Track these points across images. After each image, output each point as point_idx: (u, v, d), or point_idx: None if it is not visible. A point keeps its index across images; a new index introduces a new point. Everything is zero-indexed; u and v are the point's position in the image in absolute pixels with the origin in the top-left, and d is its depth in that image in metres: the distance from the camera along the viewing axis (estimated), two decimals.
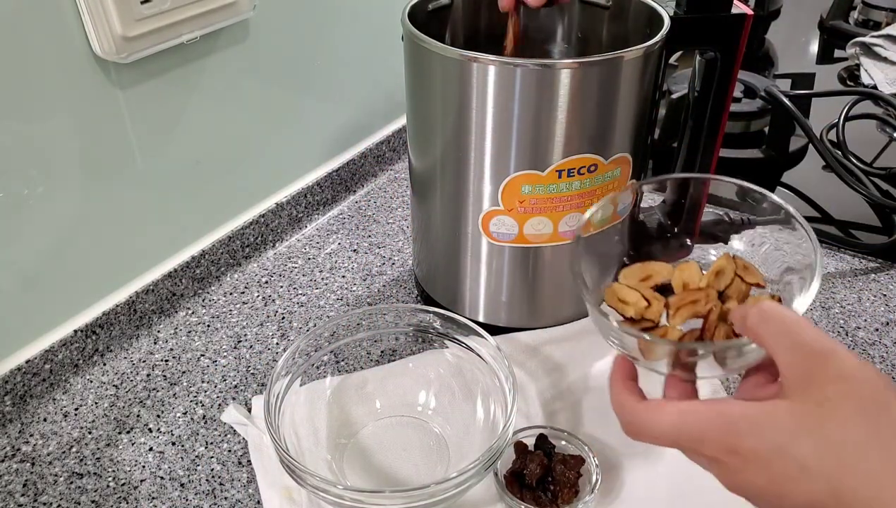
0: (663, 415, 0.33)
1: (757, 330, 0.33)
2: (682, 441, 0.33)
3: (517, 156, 0.52)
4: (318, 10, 0.72)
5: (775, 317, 0.33)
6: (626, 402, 0.36)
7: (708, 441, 0.32)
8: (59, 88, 0.53)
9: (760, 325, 0.33)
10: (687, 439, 0.33)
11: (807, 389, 0.30)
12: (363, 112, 0.85)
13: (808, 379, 0.31)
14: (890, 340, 0.62)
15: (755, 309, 0.33)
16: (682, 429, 0.33)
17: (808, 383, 0.30)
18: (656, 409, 0.34)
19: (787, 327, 0.32)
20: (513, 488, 0.48)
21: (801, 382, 0.31)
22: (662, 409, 0.34)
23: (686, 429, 0.32)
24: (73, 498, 0.51)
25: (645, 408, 0.35)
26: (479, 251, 0.58)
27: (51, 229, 0.57)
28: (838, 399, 0.30)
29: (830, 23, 1.25)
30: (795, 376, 0.31)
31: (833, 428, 0.29)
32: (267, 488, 0.50)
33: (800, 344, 0.31)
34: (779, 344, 0.32)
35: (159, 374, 0.61)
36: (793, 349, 0.31)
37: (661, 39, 0.51)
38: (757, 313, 0.33)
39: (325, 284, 0.70)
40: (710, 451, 0.32)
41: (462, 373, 0.55)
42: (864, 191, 0.76)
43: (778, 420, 0.30)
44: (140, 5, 0.53)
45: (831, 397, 0.30)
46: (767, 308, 0.33)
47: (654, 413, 0.34)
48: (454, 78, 0.51)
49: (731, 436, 0.31)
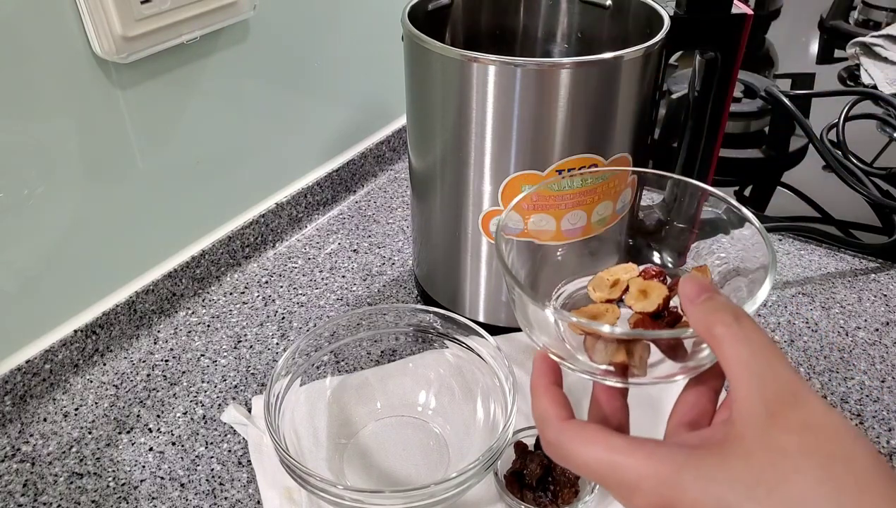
0: (591, 449, 0.29)
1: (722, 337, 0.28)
2: (610, 484, 0.29)
3: (517, 156, 0.52)
4: (318, 11, 0.72)
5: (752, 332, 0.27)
6: (550, 417, 0.32)
7: (641, 492, 0.27)
8: (59, 88, 0.53)
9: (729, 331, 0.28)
10: (616, 483, 0.28)
11: (766, 433, 0.26)
12: (363, 112, 0.85)
13: (770, 421, 0.26)
14: (890, 340, 0.62)
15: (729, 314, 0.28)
16: (613, 471, 0.28)
17: (769, 426, 0.26)
18: (583, 439, 0.30)
19: (763, 345, 0.27)
20: (513, 488, 0.48)
21: (761, 421, 0.26)
22: (591, 441, 0.29)
23: (617, 473, 0.28)
24: (73, 498, 0.51)
25: (571, 434, 0.30)
26: (479, 251, 0.58)
27: (51, 229, 0.57)
28: (801, 455, 0.25)
29: (830, 23, 1.25)
30: (755, 411, 0.26)
31: (792, 492, 0.24)
32: (267, 488, 0.50)
33: (770, 373, 0.26)
34: (745, 362, 0.27)
35: (159, 374, 0.61)
36: (759, 376, 0.26)
37: (661, 39, 0.51)
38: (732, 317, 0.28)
39: (325, 284, 0.70)
40: (641, 503, 0.27)
41: (462, 373, 0.55)
42: (864, 191, 0.76)
43: (729, 469, 0.26)
44: (140, 5, 0.53)
45: (792, 451, 0.25)
46: (745, 317, 0.28)
47: (581, 443, 0.30)
48: (454, 78, 0.51)
49: (671, 489, 0.26)
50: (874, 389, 0.57)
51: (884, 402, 0.56)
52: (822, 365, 0.60)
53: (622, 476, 0.28)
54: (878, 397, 0.57)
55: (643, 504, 0.27)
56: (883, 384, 0.58)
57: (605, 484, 0.29)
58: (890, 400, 0.56)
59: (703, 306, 0.29)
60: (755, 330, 0.28)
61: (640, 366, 0.33)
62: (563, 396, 0.33)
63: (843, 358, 0.60)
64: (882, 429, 0.54)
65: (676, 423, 0.32)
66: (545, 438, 0.32)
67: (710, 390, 0.33)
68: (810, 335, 0.63)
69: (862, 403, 0.56)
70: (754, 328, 0.28)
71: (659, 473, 0.27)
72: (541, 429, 0.32)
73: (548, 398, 0.33)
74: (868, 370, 0.59)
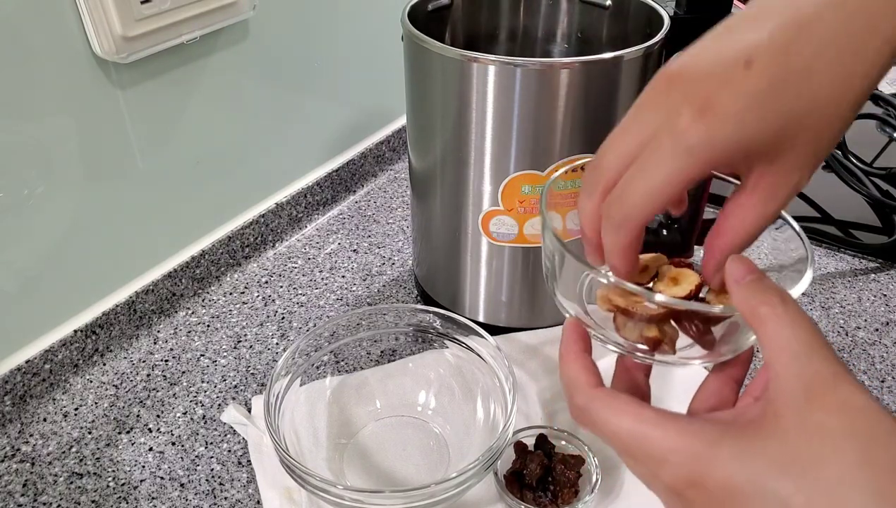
0: (621, 418, 0.28)
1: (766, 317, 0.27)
2: (638, 455, 0.28)
3: (517, 156, 0.52)
4: (318, 11, 0.72)
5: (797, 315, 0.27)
6: (580, 383, 0.31)
7: (669, 465, 0.26)
8: (60, 88, 0.53)
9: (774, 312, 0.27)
10: (643, 455, 0.27)
11: (804, 413, 0.25)
12: (363, 112, 0.85)
13: (808, 399, 0.25)
14: (890, 340, 0.62)
15: (776, 295, 0.27)
16: (641, 442, 0.28)
17: (807, 405, 0.25)
18: (614, 408, 0.29)
19: (806, 329, 0.26)
20: (513, 488, 0.48)
21: (799, 399, 0.25)
22: (621, 410, 0.29)
23: (645, 444, 0.27)
24: (73, 498, 0.51)
25: (601, 400, 0.30)
26: (479, 251, 0.58)
27: (51, 229, 0.57)
28: (839, 436, 0.24)
29: None
30: (793, 389, 0.25)
31: (828, 472, 0.23)
32: (267, 488, 0.50)
33: (811, 354, 0.26)
34: (786, 343, 0.26)
35: (159, 374, 0.61)
36: (799, 357, 0.26)
37: (661, 39, 0.51)
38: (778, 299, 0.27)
39: (325, 284, 0.70)
40: (668, 477, 0.27)
41: (462, 373, 0.55)
42: (864, 191, 0.76)
43: (764, 446, 0.25)
44: (140, 5, 0.53)
45: (830, 432, 0.24)
46: (790, 300, 0.27)
47: (611, 411, 0.29)
48: (454, 78, 0.51)
49: (702, 464, 0.26)
50: (874, 389, 0.57)
51: (884, 402, 0.56)
52: None
53: (650, 447, 0.27)
54: (878, 397, 0.57)
55: (670, 478, 0.27)
56: (883, 384, 0.58)
57: (632, 455, 0.28)
58: (890, 399, 0.56)
59: (749, 286, 0.29)
60: (800, 314, 0.27)
61: (670, 344, 0.33)
62: (593, 363, 0.32)
63: (842, 358, 0.60)
64: None
65: (696, 409, 0.32)
66: (574, 403, 0.31)
67: (731, 380, 0.33)
68: None
69: None
70: (799, 311, 0.27)
71: (690, 447, 0.26)
72: (569, 395, 0.31)
73: (578, 364, 0.32)
74: (868, 370, 0.59)
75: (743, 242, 0.31)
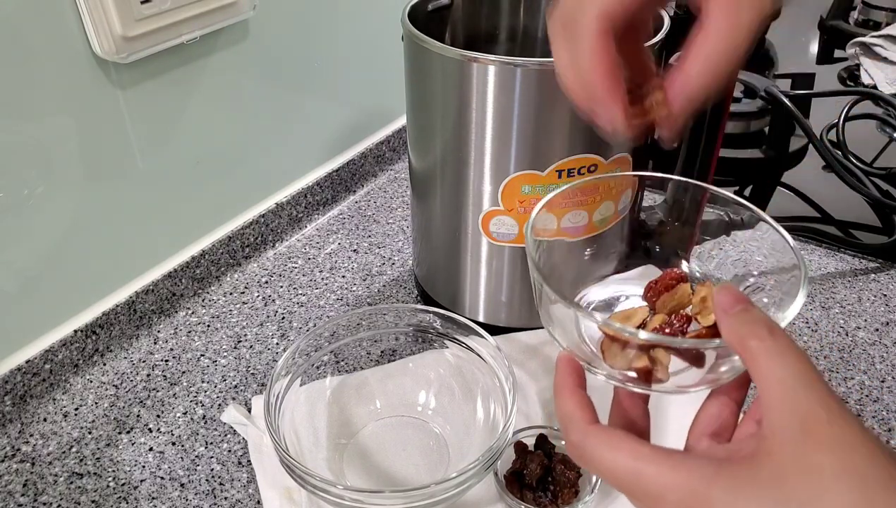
0: (616, 455, 0.29)
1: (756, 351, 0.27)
2: (635, 492, 0.28)
3: (517, 156, 0.52)
4: (318, 11, 0.72)
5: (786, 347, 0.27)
6: (576, 419, 0.31)
7: (666, 503, 0.27)
8: (59, 88, 0.53)
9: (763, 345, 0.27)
10: (641, 492, 0.28)
11: (799, 451, 0.25)
12: (363, 112, 0.85)
13: (803, 436, 0.25)
14: (890, 340, 0.62)
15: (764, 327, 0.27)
16: (638, 480, 0.28)
17: (802, 443, 0.25)
18: (609, 444, 0.29)
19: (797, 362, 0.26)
20: (513, 488, 0.48)
21: (793, 437, 0.25)
22: (617, 447, 0.29)
23: (642, 482, 0.28)
24: (73, 498, 0.51)
25: (597, 438, 0.30)
26: (479, 251, 0.58)
27: (51, 229, 0.57)
28: (834, 475, 0.24)
29: (830, 23, 1.25)
30: (786, 427, 0.25)
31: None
32: (267, 488, 0.50)
33: (803, 390, 0.25)
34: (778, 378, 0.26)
35: (159, 374, 0.61)
36: (792, 391, 0.26)
37: (661, 39, 0.51)
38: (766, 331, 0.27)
39: (325, 284, 0.70)
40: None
41: (462, 373, 0.55)
42: (864, 191, 0.76)
43: (759, 485, 0.25)
44: (140, 5, 0.53)
45: (826, 471, 0.24)
46: (779, 331, 0.28)
47: (607, 449, 0.29)
48: (454, 78, 0.51)
49: (698, 502, 0.26)
50: (874, 389, 0.57)
51: (884, 402, 0.56)
52: (822, 365, 0.60)
53: (647, 485, 0.27)
54: (878, 397, 0.57)
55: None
56: (883, 384, 0.58)
57: (629, 492, 0.29)
58: (890, 399, 0.56)
59: (736, 318, 0.29)
60: (789, 346, 0.27)
61: (663, 371, 0.33)
62: (588, 399, 0.33)
63: (842, 358, 0.60)
64: (882, 429, 0.54)
65: (699, 434, 0.32)
66: (570, 440, 0.31)
67: (732, 402, 0.33)
68: (810, 335, 0.63)
69: (862, 403, 0.56)
70: (788, 343, 0.27)
71: (686, 485, 0.26)
72: (565, 431, 0.32)
73: (573, 400, 0.32)
74: (868, 370, 0.59)
75: (708, 76, 0.31)
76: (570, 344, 0.36)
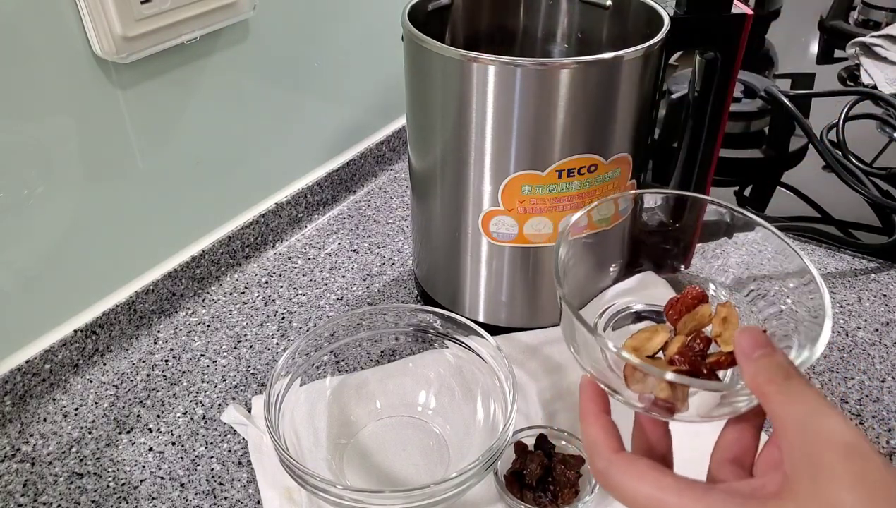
0: (641, 485, 0.29)
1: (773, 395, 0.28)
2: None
3: (517, 156, 0.52)
4: (318, 10, 0.72)
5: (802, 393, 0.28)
6: (601, 447, 0.32)
7: None
8: (59, 88, 0.53)
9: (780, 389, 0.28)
10: None
11: (820, 488, 0.25)
12: (363, 112, 0.85)
13: (824, 475, 0.25)
14: (890, 340, 0.62)
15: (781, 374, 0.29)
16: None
17: (823, 480, 0.25)
18: (633, 474, 0.30)
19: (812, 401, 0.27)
20: (513, 488, 0.48)
21: (814, 476, 0.26)
22: (641, 477, 0.30)
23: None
24: (73, 498, 0.51)
25: (620, 466, 0.31)
26: (479, 251, 0.58)
27: (51, 229, 0.57)
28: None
29: (830, 23, 1.25)
30: (806, 464, 0.26)
31: None
32: (267, 488, 0.50)
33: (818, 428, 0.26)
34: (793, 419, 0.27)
35: (159, 374, 0.61)
36: (807, 431, 0.27)
37: (661, 39, 0.51)
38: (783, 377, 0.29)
39: (325, 284, 0.70)
40: None
41: (462, 373, 0.55)
42: (864, 191, 0.76)
43: None
44: (140, 5, 0.53)
45: (847, 505, 0.25)
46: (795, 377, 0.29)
47: (631, 478, 0.30)
48: (454, 78, 0.51)
49: None
50: (874, 389, 0.57)
51: (884, 402, 0.56)
52: (822, 365, 0.60)
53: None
54: (878, 397, 0.57)
55: None
56: (883, 384, 0.58)
57: None
58: (890, 399, 0.56)
59: (757, 363, 0.30)
60: (806, 390, 0.28)
61: (683, 400, 0.34)
62: (613, 425, 0.33)
63: (842, 358, 0.60)
64: (882, 429, 0.54)
65: (720, 460, 0.33)
66: (595, 467, 0.32)
67: (752, 426, 0.34)
68: None
69: (862, 403, 0.56)
70: (805, 388, 0.28)
71: None
72: (591, 458, 0.32)
73: (598, 426, 0.33)
74: (868, 370, 0.59)
75: None
76: (593, 369, 0.36)
